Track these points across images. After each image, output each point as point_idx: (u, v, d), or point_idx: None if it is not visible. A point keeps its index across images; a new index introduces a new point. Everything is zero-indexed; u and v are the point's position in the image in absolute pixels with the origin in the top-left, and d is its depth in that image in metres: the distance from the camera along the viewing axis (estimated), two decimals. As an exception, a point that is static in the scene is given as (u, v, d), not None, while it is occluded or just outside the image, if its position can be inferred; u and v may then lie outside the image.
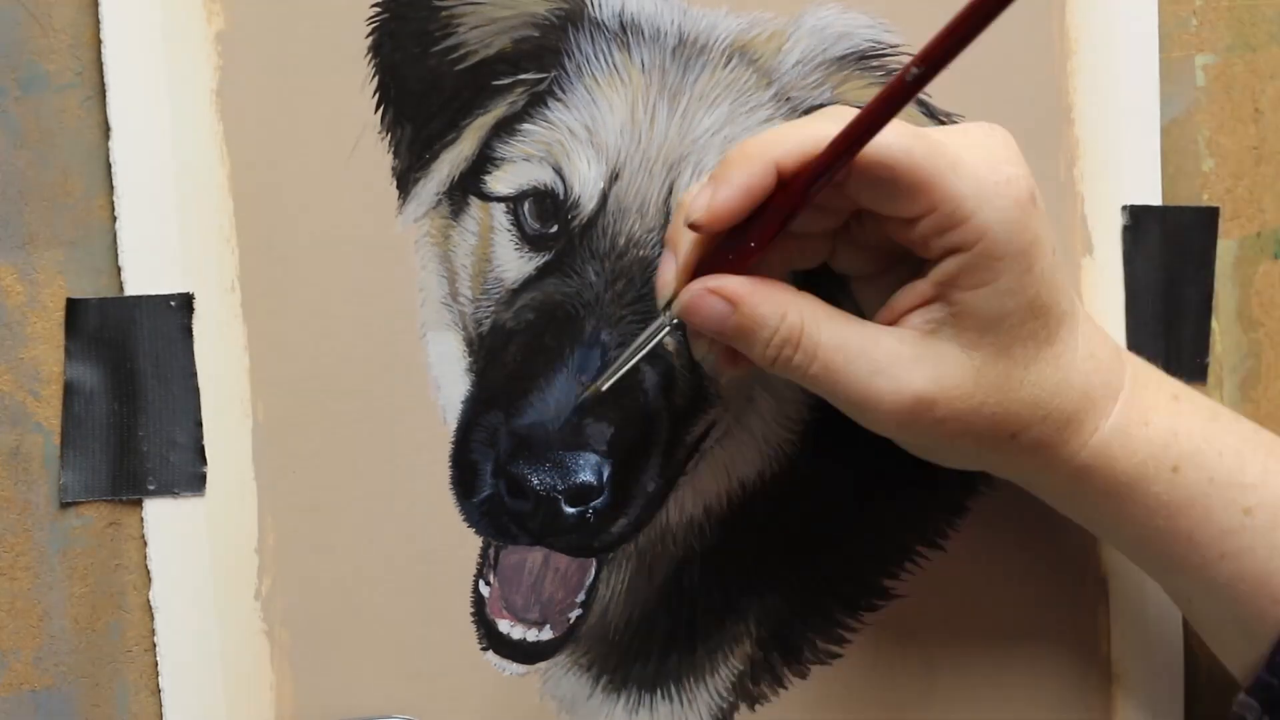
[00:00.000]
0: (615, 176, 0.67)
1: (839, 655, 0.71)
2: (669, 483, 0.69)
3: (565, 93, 0.67)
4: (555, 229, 0.67)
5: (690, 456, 0.69)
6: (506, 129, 0.67)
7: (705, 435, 0.69)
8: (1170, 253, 0.74)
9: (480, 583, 0.67)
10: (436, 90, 0.66)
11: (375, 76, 0.65)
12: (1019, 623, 0.69)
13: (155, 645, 0.64)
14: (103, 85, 0.63)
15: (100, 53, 0.62)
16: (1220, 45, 0.75)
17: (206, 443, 0.64)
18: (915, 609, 0.71)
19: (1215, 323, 0.76)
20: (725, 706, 0.71)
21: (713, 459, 0.70)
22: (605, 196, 0.67)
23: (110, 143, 0.63)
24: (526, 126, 0.67)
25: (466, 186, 0.67)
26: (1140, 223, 0.74)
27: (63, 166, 0.63)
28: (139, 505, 0.64)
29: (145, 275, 0.63)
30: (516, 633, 0.68)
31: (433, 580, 0.67)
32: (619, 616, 0.70)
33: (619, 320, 0.66)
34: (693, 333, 0.62)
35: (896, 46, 0.70)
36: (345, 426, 0.66)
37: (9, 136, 0.62)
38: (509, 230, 0.67)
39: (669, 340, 0.67)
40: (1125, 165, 0.73)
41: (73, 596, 0.64)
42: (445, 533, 0.67)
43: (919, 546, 0.72)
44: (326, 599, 0.66)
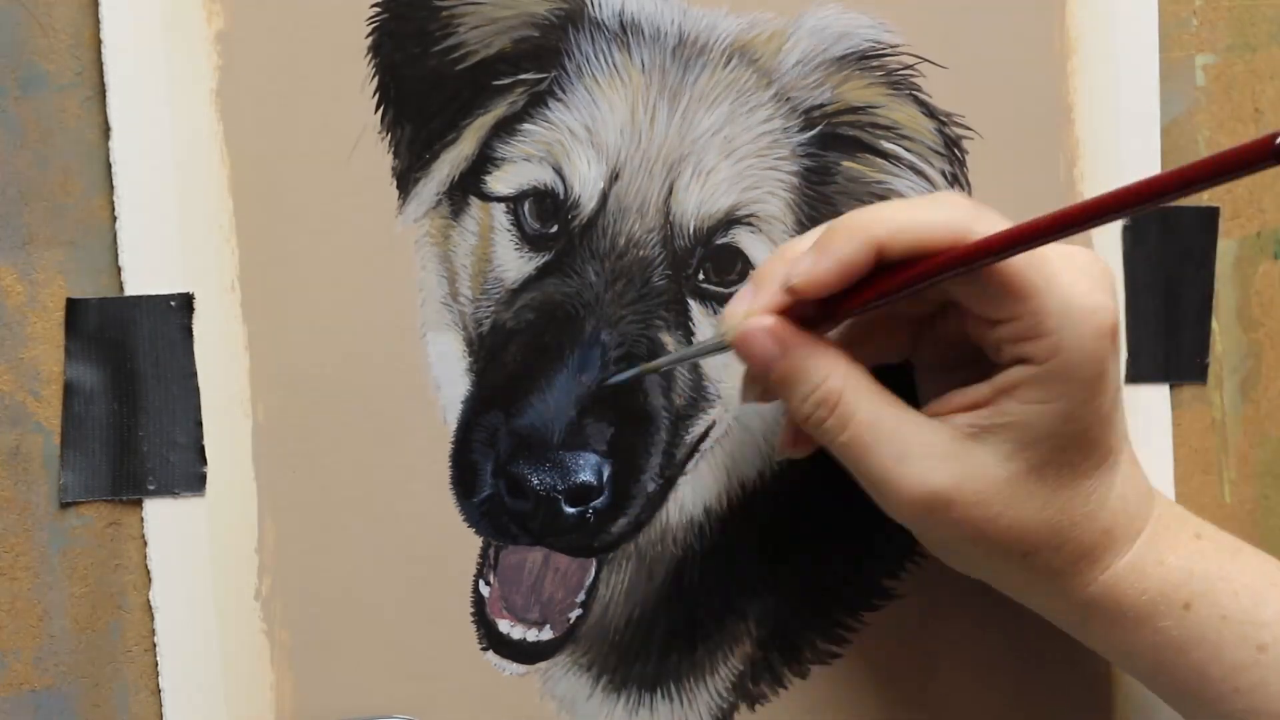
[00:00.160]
0: (615, 176, 0.67)
1: (839, 655, 0.71)
2: (669, 483, 0.69)
3: (565, 93, 0.67)
4: (555, 229, 0.67)
5: (690, 456, 0.69)
6: (506, 129, 0.67)
7: (705, 435, 0.69)
8: (1170, 253, 0.74)
9: (480, 583, 0.67)
10: (436, 90, 0.66)
11: (375, 76, 0.65)
12: (1019, 622, 0.69)
13: (155, 645, 0.64)
14: (103, 85, 0.63)
15: (100, 53, 0.62)
16: (1220, 45, 0.75)
17: (206, 443, 0.64)
18: (915, 609, 0.71)
19: (1215, 323, 0.76)
20: (725, 706, 0.71)
21: (713, 459, 0.70)
22: (605, 196, 0.66)
23: (110, 143, 0.63)
24: (526, 126, 0.67)
25: (466, 186, 0.67)
26: (1140, 223, 0.73)
27: (63, 166, 0.63)
28: (139, 505, 0.64)
29: (145, 275, 0.63)
30: (516, 633, 0.68)
31: (433, 580, 0.67)
32: (619, 616, 0.70)
33: (619, 320, 0.66)
34: (745, 378, 0.62)
35: (897, 46, 0.70)
36: (345, 426, 0.66)
37: (9, 136, 0.62)
38: (509, 230, 0.67)
39: (669, 340, 0.67)
40: (1125, 165, 0.73)
41: (73, 596, 0.63)
42: (445, 533, 0.67)
43: (919, 546, 0.72)
44: (326, 599, 0.66)
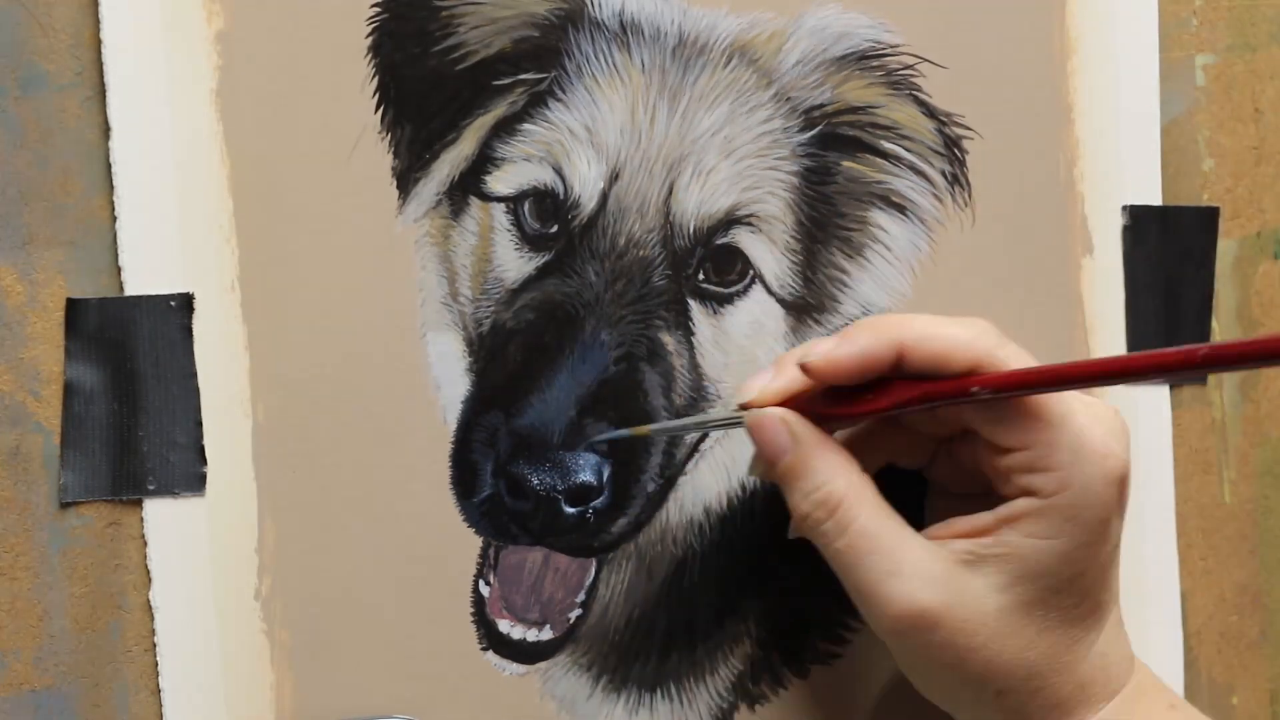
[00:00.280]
0: (615, 176, 0.67)
1: (839, 655, 0.71)
2: (669, 483, 0.69)
3: (565, 93, 0.67)
4: (555, 229, 0.67)
5: (690, 456, 0.69)
6: (506, 129, 0.67)
7: (705, 435, 0.69)
8: (1170, 253, 0.74)
9: (480, 583, 0.67)
10: (436, 90, 0.66)
11: (375, 76, 0.65)
12: (1019, 623, 0.69)
13: (155, 645, 0.64)
14: (103, 85, 0.63)
15: (100, 53, 0.62)
16: (1220, 45, 0.75)
17: (206, 443, 0.64)
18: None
19: (1215, 323, 0.76)
20: (725, 706, 0.71)
21: (713, 459, 0.70)
22: (605, 196, 0.66)
23: (110, 143, 0.63)
24: (526, 126, 0.67)
25: (466, 186, 0.67)
26: (1140, 223, 0.73)
27: (63, 166, 0.63)
28: (139, 505, 0.64)
29: (145, 275, 0.63)
30: (516, 633, 0.68)
31: (433, 580, 0.67)
32: (619, 616, 0.70)
33: (619, 320, 0.66)
34: (755, 456, 0.62)
35: (897, 46, 0.70)
36: (345, 426, 0.66)
37: (9, 136, 0.62)
38: (509, 230, 0.67)
39: (669, 339, 0.67)
40: (1125, 165, 0.73)
41: (73, 596, 0.63)
42: (445, 533, 0.67)
43: (919, 546, 0.72)
44: (326, 599, 0.66)
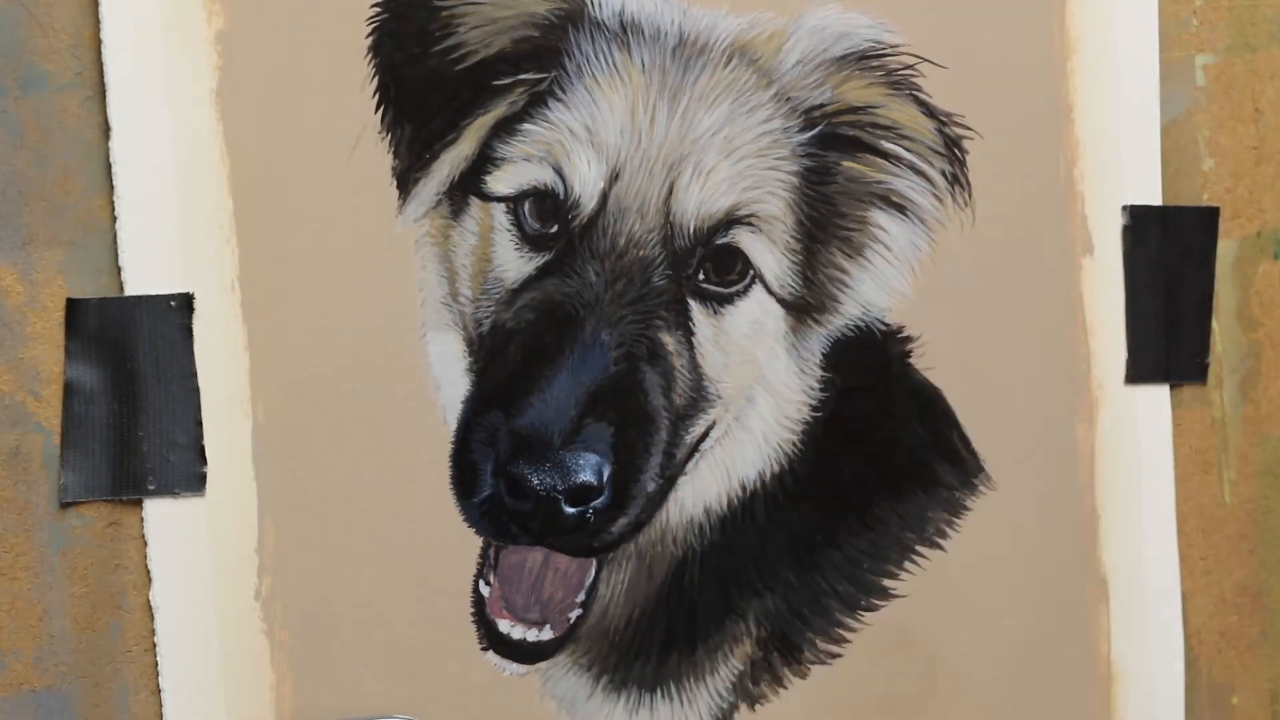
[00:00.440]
0: (615, 176, 0.67)
1: (839, 655, 0.71)
2: (669, 483, 0.69)
3: (565, 93, 0.67)
4: (555, 229, 0.67)
5: (690, 456, 0.69)
6: (506, 129, 0.67)
7: (705, 435, 0.69)
8: (1170, 253, 0.74)
9: (480, 583, 0.67)
10: (436, 90, 0.66)
11: (375, 76, 0.65)
12: (1019, 623, 0.69)
13: (155, 645, 0.64)
14: (103, 85, 0.63)
15: (100, 53, 0.62)
16: (1220, 45, 0.75)
17: (206, 443, 0.64)
18: (915, 609, 0.71)
19: (1215, 323, 0.76)
20: (725, 706, 0.71)
21: (713, 459, 0.70)
22: (605, 196, 0.66)
23: (110, 143, 0.63)
24: (527, 126, 0.67)
25: (466, 186, 0.67)
26: (1140, 223, 0.74)
27: (63, 166, 0.63)
28: (139, 505, 0.64)
29: (145, 275, 0.63)
30: (517, 633, 0.68)
31: (433, 580, 0.67)
32: (619, 616, 0.70)
33: (619, 320, 0.66)
34: None
35: (896, 46, 0.70)
36: (345, 426, 0.66)
37: (9, 136, 0.62)
38: (509, 230, 0.67)
39: (669, 339, 0.67)
40: (1125, 165, 0.73)
41: (73, 596, 0.63)
42: (445, 533, 0.67)
43: (919, 546, 0.72)
44: (326, 599, 0.66)
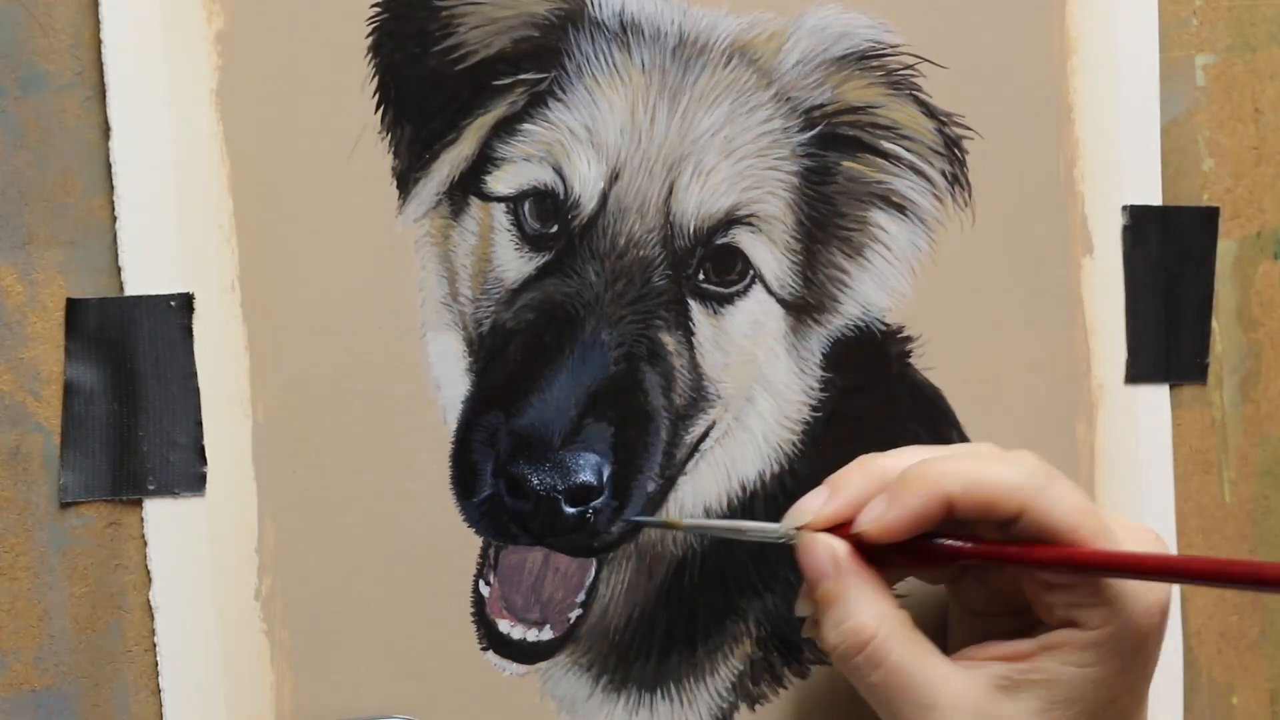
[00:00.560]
0: (615, 176, 0.67)
1: (839, 655, 0.71)
2: (669, 483, 0.69)
3: (565, 93, 0.67)
4: (555, 229, 0.67)
5: (690, 456, 0.69)
6: (506, 129, 0.67)
7: (705, 435, 0.69)
8: (1170, 253, 0.74)
9: (480, 583, 0.67)
10: (436, 90, 0.66)
11: (375, 76, 0.65)
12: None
13: (155, 645, 0.64)
14: (103, 85, 0.62)
15: (100, 53, 0.62)
16: (1220, 45, 0.75)
17: (206, 443, 0.64)
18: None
19: (1215, 323, 0.76)
20: (725, 706, 0.71)
21: (713, 459, 0.70)
22: (605, 196, 0.66)
23: (110, 143, 0.63)
24: (526, 126, 0.67)
25: (466, 186, 0.67)
26: (1140, 223, 0.74)
27: (63, 166, 0.63)
28: (139, 505, 0.64)
29: (145, 275, 0.63)
30: (516, 633, 0.68)
31: (433, 580, 0.67)
32: (619, 616, 0.70)
33: (619, 320, 0.66)
34: (802, 591, 0.62)
35: (897, 46, 0.70)
36: (345, 426, 0.66)
37: (9, 136, 0.62)
38: (509, 230, 0.67)
39: (669, 339, 0.67)
40: (1125, 165, 0.73)
41: (73, 596, 0.63)
42: (445, 533, 0.67)
43: (919, 546, 0.72)
44: (326, 599, 0.66)
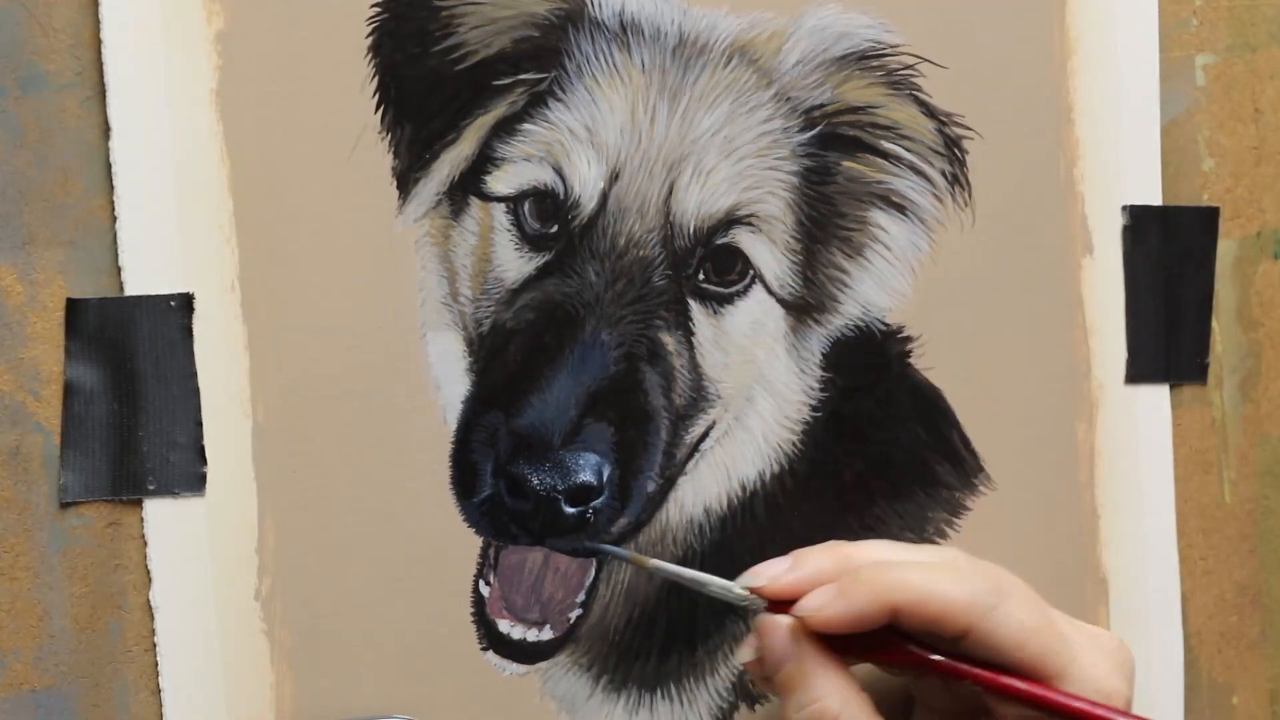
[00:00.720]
0: (615, 176, 0.67)
1: (839, 655, 0.71)
2: (669, 483, 0.69)
3: (565, 93, 0.67)
4: (555, 229, 0.67)
5: (690, 456, 0.69)
6: (506, 129, 0.67)
7: (705, 435, 0.69)
8: (1170, 253, 0.74)
9: (480, 583, 0.67)
10: (436, 90, 0.66)
11: (375, 76, 0.65)
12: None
13: (155, 645, 0.64)
14: (103, 85, 0.62)
15: (100, 53, 0.62)
16: (1220, 45, 0.75)
17: (206, 443, 0.64)
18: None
19: (1215, 323, 0.76)
20: (725, 706, 0.71)
21: (713, 459, 0.70)
22: (605, 196, 0.66)
23: (110, 143, 0.63)
24: (526, 126, 0.67)
25: (467, 186, 0.67)
26: (1140, 223, 0.74)
27: (63, 166, 0.63)
28: (139, 505, 0.64)
29: (145, 275, 0.63)
30: (516, 633, 0.68)
31: (433, 580, 0.67)
32: (619, 616, 0.70)
33: (619, 320, 0.66)
34: (752, 648, 0.60)
35: (897, 46, 0.70)
36: (345, 426, 0.66)
37: (9, 136, 0.62)
38: (509, 230, 0.67)
39: (669, 339, 0.67)
40: (1125, 165, 0.73)
41: (73, 596, 0.63)
42: (445, 533, 0.67)
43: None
44: (326, 599, 0.66)
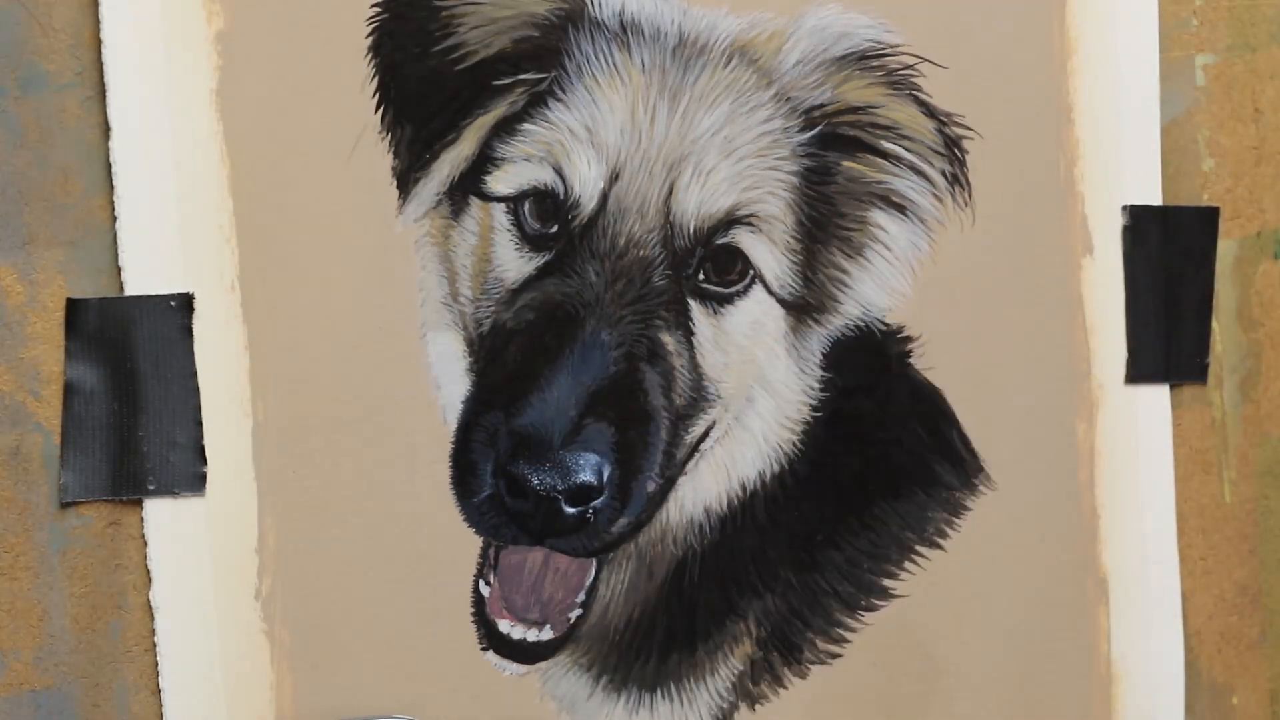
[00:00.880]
0: (615, 176, 0.67)
1: (839, 655, 0.71)
2: (669, 483, 0.69)
3: (565, 93, 0.67)
4: (555, 229, 0.67)
5: (690, 456, 0.69)
6: (506, 129, 0.67)
7: (705, 435, 0.69)
8: (1170, 253, 0.74)
9: (480, 583, 0.67)
10: (436, 90, 0.66)
11: (375, 76, 0.65)
12: (1019, 623, 0.69)
13: (155, 645, 0.64)
14: (103, 85, 0.63)
15: (100, 53, 0.62)
16: (1220, 45, 0.75)
17: (206, 443, 0.64)
18: (915, 609, 0.71)
19: (1215, 323, 0.76)
20: (725, 706, 0.71)
21: (713, 459, 0.70)
22: (605, 196, 0.66)
23: (110, 143, 0.63)
24: (527, 126, 0.67)
25: (467, 186, 0.67)
26: (1140, 223, 0.74)
27: (63, 166, 0.63)
28: (139, 505, 0.64)
29: (145, 275, 0.63)
30: (517, 633, 0.68)
31: (433, 580, 0.67)
32: (619, 616, 0.70)
33: (619, 320, 0.66)
34: None
35: (897, 46, 0.70)
36: (345, 426, 0.66)
37: (9, 136, 0.62)
38: (509, 230, 0.67)
39: (669, 339, 0.67)
40: (1125, 165, 0.73)
41: (73, 596, 0.63)
42: (445, 533, 0.67)
43: (919, 546, 0.72)
44: (326, 599, 0.66)
